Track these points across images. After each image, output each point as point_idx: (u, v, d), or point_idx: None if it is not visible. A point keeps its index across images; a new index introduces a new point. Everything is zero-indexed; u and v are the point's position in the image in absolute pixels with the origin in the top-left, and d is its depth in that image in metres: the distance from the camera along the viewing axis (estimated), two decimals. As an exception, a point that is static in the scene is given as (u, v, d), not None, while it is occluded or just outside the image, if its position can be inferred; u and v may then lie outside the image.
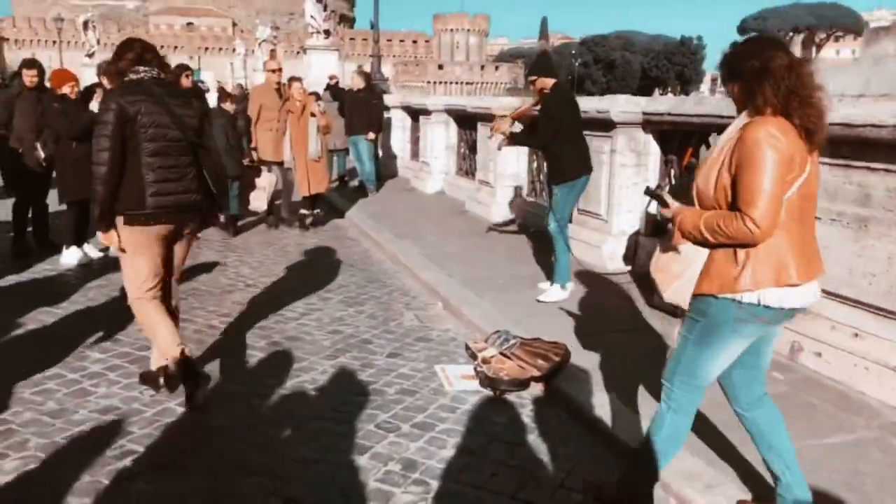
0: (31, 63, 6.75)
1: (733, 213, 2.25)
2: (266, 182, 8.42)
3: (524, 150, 8.67)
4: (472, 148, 10.28)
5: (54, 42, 72.01)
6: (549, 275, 5.73)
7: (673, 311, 4.97)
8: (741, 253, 2.29)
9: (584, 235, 6.40)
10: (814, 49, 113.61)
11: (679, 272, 2.79)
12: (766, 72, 2.26)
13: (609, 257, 6.24)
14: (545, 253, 6.01)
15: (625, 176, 6.21)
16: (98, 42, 44.18)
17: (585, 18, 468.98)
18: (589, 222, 6.50)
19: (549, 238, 5.50)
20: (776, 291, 2.30)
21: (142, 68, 3.68)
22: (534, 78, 5.37)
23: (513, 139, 5.60)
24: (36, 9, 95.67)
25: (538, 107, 5.38)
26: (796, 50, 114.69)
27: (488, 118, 8.95)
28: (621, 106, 6.02)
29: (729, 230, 2.24)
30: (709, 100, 5.52)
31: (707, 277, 2.38)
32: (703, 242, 2.39)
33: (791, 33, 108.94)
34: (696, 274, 2.49)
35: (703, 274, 2.41)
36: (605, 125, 6.07)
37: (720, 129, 5.26)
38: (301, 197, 8.69)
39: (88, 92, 6.40)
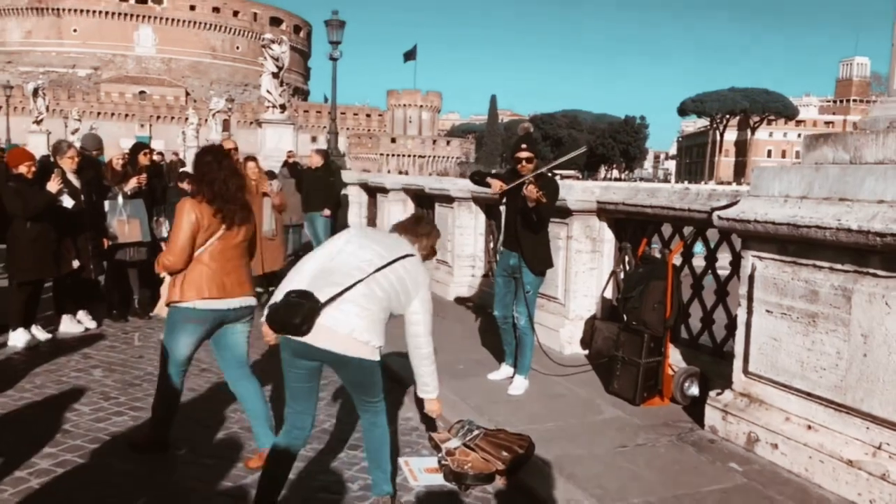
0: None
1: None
2: None
3: (481, 229, 8.85)
4: (429, 227, 10.40)
5: (0, 108, 70.92)
6: (500, 361, 5.76)
7: (632, 398, 5.06)
8: (179, 277, 3.93)
9: (542, 318, 6.49)
10: (748, 131, 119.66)
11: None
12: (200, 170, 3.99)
13: (567, 341, 6.34)
14: (498, 335, 6.05)
15: (581, 262, 6.37)
16: (47, 109, 43.82)
17: (533, 97, 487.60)
18: (547, 305, 6.61)
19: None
20: (199, 302, 3.89)
21: None
22: (530, 156, 5.22)
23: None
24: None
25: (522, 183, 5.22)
26: (732, 131, 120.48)
27: (445, 199, 9.14)
28: (577, 195, 6.23)
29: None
30: (661, 191, 5.76)
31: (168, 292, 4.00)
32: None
33: (727, 115, 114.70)
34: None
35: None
36: (561, 212, 6.26)
37: (673, 220, 5.51)
38: (255, 275, 8.61)
39: (45, 172, 6.32)
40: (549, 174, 5.46)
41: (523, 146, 5.27)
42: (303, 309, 3.08)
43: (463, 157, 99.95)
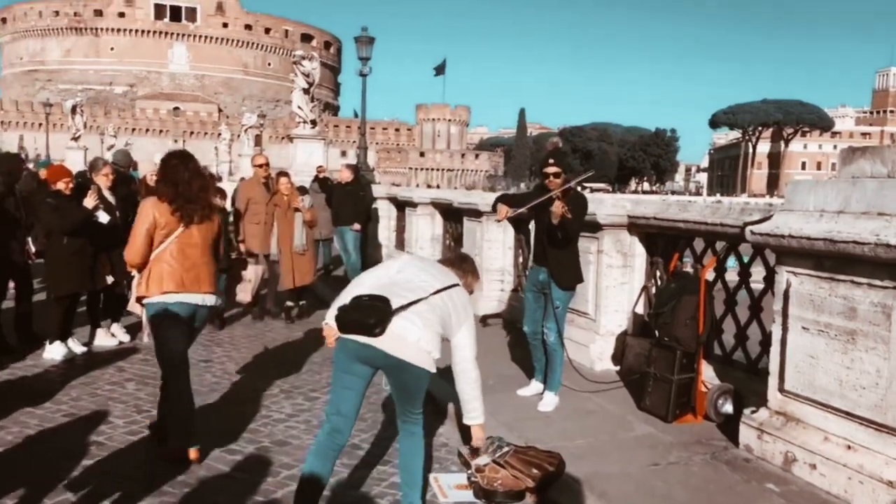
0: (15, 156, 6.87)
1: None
2: (252, 275, 8.44)
3: (510, 243, 8.82)
4: (458, 240, 10.41)
5: (40, 125, 72.68)
6: (531, 376, 5.73)
7: (664, 415, 4.99)
8: (144, 273, 4.28)
9: (572, 334, 6.44)
10: (782, 143, 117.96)
11: None
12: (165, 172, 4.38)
13: (598, 357, 6.28)
14: (528, 350, 6.00)
15: (611, 276, 6.32)
16: (84, 126, 44.78)
17: (562, 110, 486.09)
18: (577, 321, 6.56)
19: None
20: (161, 296, 4.21)
21: None
22: (558, 171, 5.19)
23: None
24: (24, 92, 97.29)
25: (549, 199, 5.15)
26: (765, 143, 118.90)
27: (474, 213, 9.14)
28: (607, 209, 6.19)
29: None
30: (693, 205, 5.70)
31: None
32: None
33: (760, 127, 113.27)
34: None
35: None
36: (592, 226, 6.22)
37: (705, 234, 5.44)
38: (286, 289, 8.70)
39: (82, 188, 6.46)
40: (578, 189, 5.44)
41: (551, 161, 5.25)
42: (378, 310, 3.21)
43: (492, 170, 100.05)
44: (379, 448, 4.66)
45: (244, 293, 8.41)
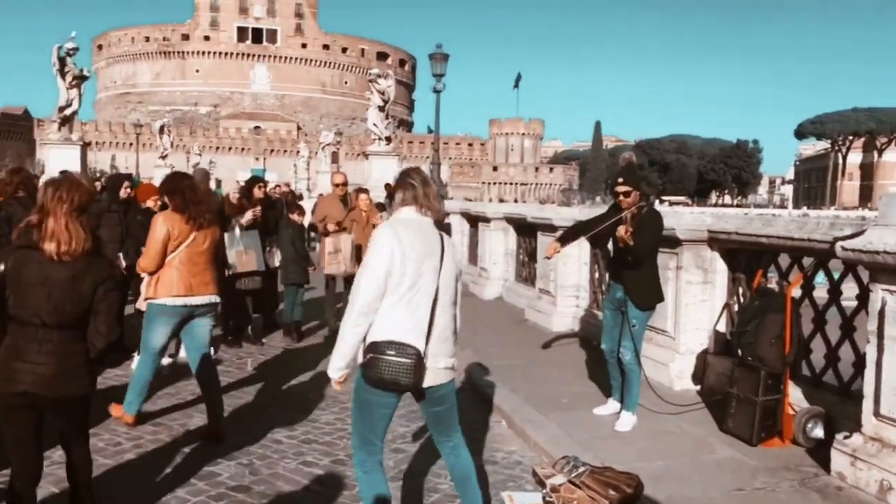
0: (126, 177, 7.27)
1: None
2: (343, 245, 8.40)
3: (586, 259, 8.70)
4: (532, 255, 10.35)
5: (131, 145, 76.37)
6: (608, 394, 5.61)
7: (749, 438, 4.79)
8: (154, 278, 4.87)
9: (650, 352, 6.28)
10: (875, 153, 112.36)
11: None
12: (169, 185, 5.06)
13: (677, 376, 6.10)
14: (605, 368, 5.88)
15: (691, 293, 6.14)
16: (171, 145, 46.79)
17: (638, 122, 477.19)
18: (655, 338, 6.40)
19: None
20: (169, 299, 4.84)
21: None
22: (629, 189, 5.10)
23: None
24: (117, 114, 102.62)
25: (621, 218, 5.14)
26: (857, 153, 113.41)
27: (548, 228, 9.06)
28: (687, 223, 6.03)
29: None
30: (778, 220, 5.48)
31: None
32: None
33: (851, 137, 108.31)
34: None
35: None
36: (670, 241, 6.07)
37: (791, 250, 5.23)
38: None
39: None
40: (653, 206, 5.33)
41: (620, 180, 5.17)
42: (408, 369, 3.06)
43: (566, 184, 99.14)
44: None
45: (335, 265, 8.39)
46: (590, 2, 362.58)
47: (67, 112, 18.73)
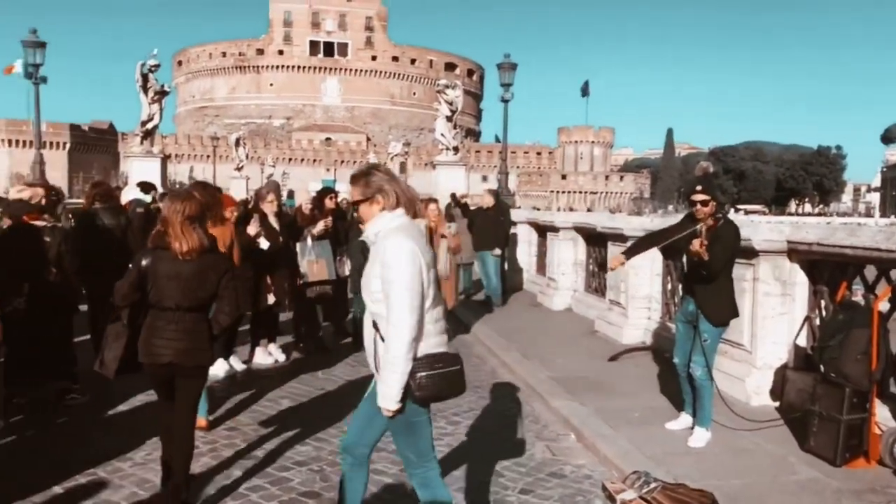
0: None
1: None
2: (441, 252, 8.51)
3: (658, 270, 8.51)
4: (602, 266, 10.20)
5: (208, 157, 79.08)
6: (680, 409, 5.46)
7: (832, 458, 4.58)
8: None
9: (726, 366, 6.08)
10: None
11: None
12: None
13: (754, 391, 5.88)
14: (678, 382, 5.72)
15: (769, 306, 5.92)
16: (246, 157, 48.29)
17: (712, 128, 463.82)
18: (731, 352, 6.19)
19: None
20: None
21: None
22: (706, 199, 4.94)
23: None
24: (195, 127, 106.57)
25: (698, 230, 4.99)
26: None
27: (619, 238, 8.91)
28: (764, 234, 5.82)
29: None
30: (864, 229, 5.23)
31: None
32: None
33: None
34: None
35: None
36: (746, 252, 5.87)
37: (879, 261, 4.98)
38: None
39: (246, 216, 6.95)
40: (728, 216, 5.17)
41: (698, 188, 5.02)
42: (459, 376, 3.08)
43: (637, 192, 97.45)
44: (519, 480, 4.60)
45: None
46: (660, 6, 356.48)
47: (149, 126, 19.58)
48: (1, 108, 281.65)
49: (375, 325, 3.06)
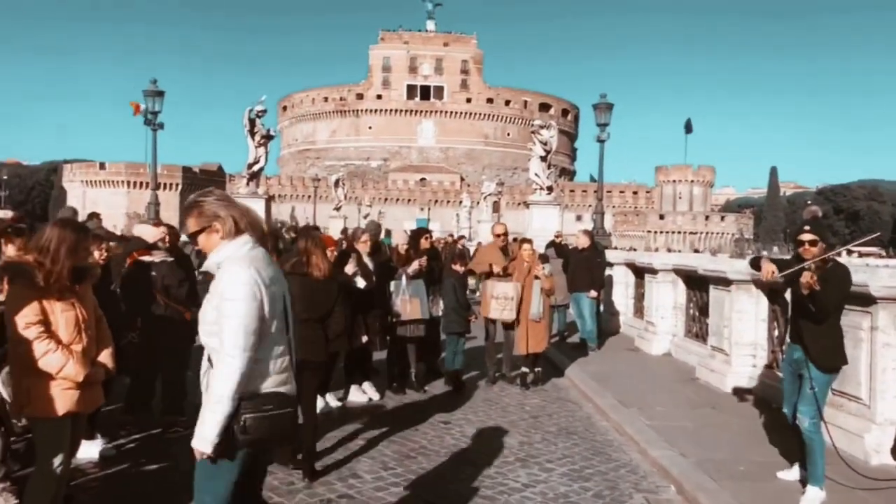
0: (314, 229, 7.84)
1: None
2: (501, 293, 8.47)
3: (763, 316, 8.11)
4: (703, 310, 9.81)
5: (309, 197, 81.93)
6: (793, 462, 5.12)
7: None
8: None
9: (842, 421, 5.69)
10: None
11: None
12: None
13: (873, 449, 5.45)
14: (788, 434, 5.38)
15: (889, 357, 5.51)
16: (345, 197, 49.74)
17: (820, 166, 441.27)
18: (847, 406, 5.79)
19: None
20: None
21: None
22: (815, 238, 4.77)
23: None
24: (297, 169, 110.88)
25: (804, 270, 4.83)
26: None
27: (722, 281, 8.57)
28: (883, 280, 5.45)
29: None
30: None
31: None
32: None
33: None
34: None
35: None
36: (862, 299, 5.51)
37: None
38: (521, 355, 8.75)
39: (344, 256, 7.12)
40: (838, 260, 4.89)
41: (806, 228, 4.84)
42: (287, 420, 2.98)
43: (739, 233, 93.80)
44: None
45: (499, 311, 8.52)
46: (759, 44, 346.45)
47: (255, 168, 20.51)
48: (121, 152, 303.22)
49: (210, 359, 2.89)
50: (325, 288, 5.20)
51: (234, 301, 2.74)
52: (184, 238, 6.72)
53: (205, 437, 2.74)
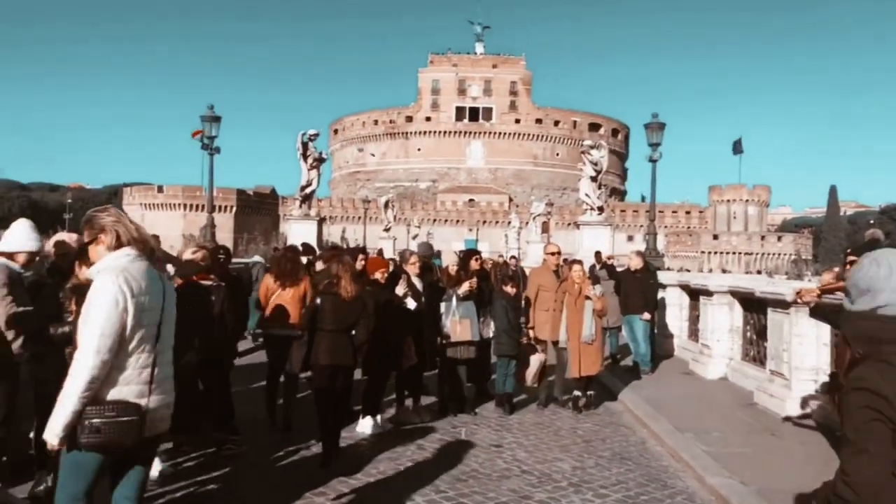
0: (361, 251, 7.92)
1: None
2: (535, 361, 8.53)
3: (825, 339, 7.85)
4: (761, 333, 9.55)
5: (359, 218, 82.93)
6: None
7: None
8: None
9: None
10: None
11: None
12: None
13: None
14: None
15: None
16: (394, 218, 50.20)
17: (884, 183, 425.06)
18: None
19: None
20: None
21: None
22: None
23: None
24: (348, 191, 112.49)
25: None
26: None
27: (780, 304, 8.34)
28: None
29: None
30: None
31: None
32: None
33: None
34: None
35: None
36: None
37: None
38: (573, 378, 8.64)
39: (395, 277, 7.18)
40: None
41: (848, 250, 4.68)
42: (131, 428, 3.10)
43: (797, 254, 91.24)
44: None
45: (528, 377, 8.56)
46: (815, 58, 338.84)
47: (308, 191, 20.88)
48: (177, 175, 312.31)
49: None
50: (351, 305, 6.03)
51: (96, 307, 2.95)
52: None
53: (52, 430, 2.96)
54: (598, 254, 15.57)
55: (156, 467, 5.48)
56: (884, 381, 2.64)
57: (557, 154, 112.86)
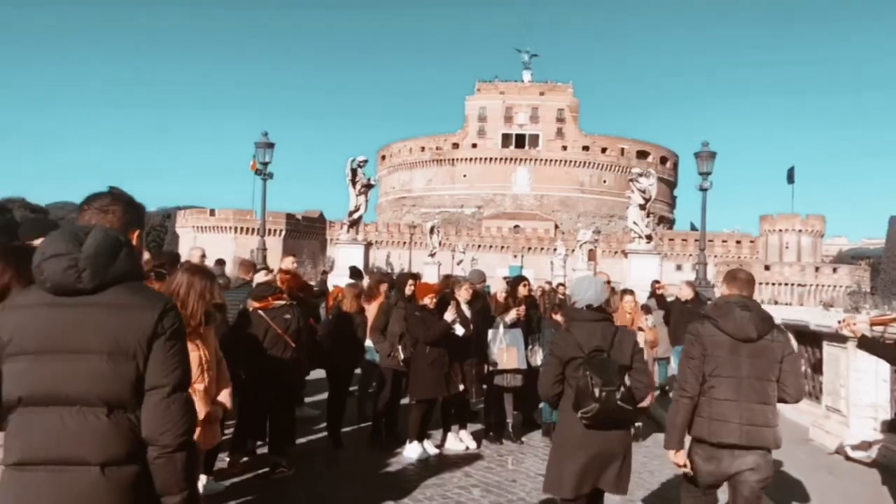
0: (413, 276, 8.05)
1: None
2: None
3: (885, 375, 7.62)
4: (816, 367, 9.30)
5: (405, 243, 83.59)
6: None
7: None
8: None
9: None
10: None
11: None
12: None
13: None
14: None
15: None
16: (439, 244, 50.42)
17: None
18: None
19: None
20: None
21: None
22: None
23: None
24: (394, 216, 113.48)
25: None
26: None
27: (837, 338, 8.12)
28: None
29: None
30: None
31: None
32: None
33: None
34: None
35: None
36: None
37: None
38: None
39: (444, 303, 7.23)
40: None
41: None
42: None
43: (854, 286, 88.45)
44: None
45: None
46: (872, 86, 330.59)
47: (355, 216, 21.16)
48: (228, 198, 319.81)
49: None
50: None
51: None
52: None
53: None
54: (655, 283, 15.38)
55: (200, 484, 5.59)
56: None
57: (604, 181, 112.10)
